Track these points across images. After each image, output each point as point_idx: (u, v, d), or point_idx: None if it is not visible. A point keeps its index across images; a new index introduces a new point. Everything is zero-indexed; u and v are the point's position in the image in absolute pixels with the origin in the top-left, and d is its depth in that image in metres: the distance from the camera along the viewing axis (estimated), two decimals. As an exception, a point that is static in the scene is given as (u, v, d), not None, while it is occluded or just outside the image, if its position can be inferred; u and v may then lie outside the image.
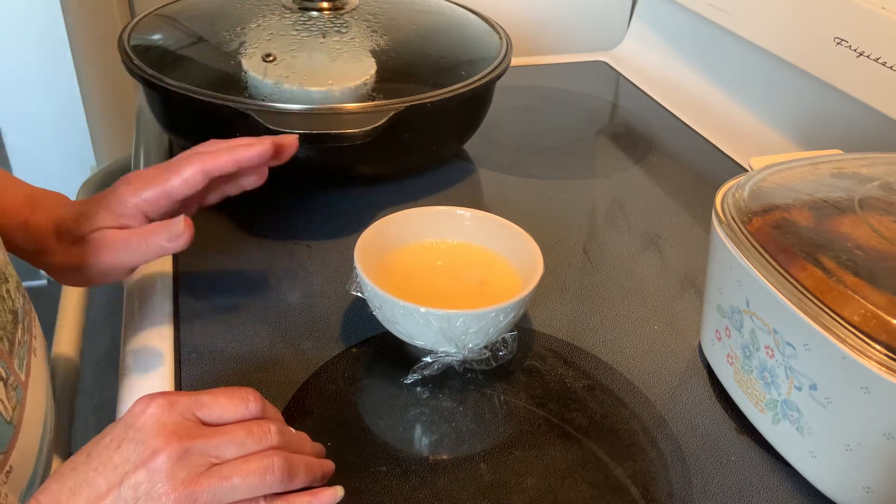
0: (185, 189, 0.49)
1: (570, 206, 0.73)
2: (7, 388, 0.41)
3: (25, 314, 0.46)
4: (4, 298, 0.43)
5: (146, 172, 0.49)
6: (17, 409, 0.42)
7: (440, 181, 0.75)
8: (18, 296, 0.45)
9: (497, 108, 0.78)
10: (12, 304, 0.44)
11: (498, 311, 0.49)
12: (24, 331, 0.45)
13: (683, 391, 0.53)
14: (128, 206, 0.48)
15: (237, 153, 0.49)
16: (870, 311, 0.40)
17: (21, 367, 0.44)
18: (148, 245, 0.48)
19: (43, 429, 0.46)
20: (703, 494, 0.46)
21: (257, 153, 0.49)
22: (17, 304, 0.45)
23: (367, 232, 0.55)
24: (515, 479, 0.46)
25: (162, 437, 0.37)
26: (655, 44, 1.05)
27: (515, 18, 1.07)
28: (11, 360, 0.42)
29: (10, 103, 1.62)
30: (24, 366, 0.44)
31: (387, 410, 0.50)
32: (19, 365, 0.43)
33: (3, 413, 0.41)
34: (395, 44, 0.71)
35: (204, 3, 0.78)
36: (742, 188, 0.50)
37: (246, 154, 0.49)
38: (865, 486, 0.42)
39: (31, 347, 0.46)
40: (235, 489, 0.38)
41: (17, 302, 0.45)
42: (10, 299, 0.44)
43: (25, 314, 0.46)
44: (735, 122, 0.89)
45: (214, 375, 0.52)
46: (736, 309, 0.48)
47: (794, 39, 0.78)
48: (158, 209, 0.49)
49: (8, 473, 0.40)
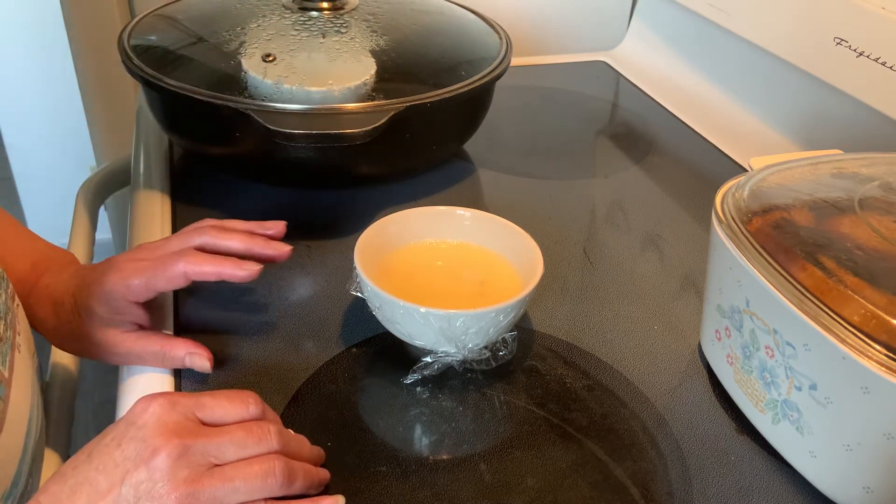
0: (168, 286, 0.50)
1: (570, 206, 0.73)
2: None
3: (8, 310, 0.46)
4: None
5: (136, 262, 0.51)
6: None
7: (440, 181, 0.75)
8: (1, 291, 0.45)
9: (497, 108, 0.78)
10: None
11: (498, 311, 0.49)
12: (6, 327, 0.45)
13: (683, 391, 0.53)
14: (115, 295, 0.49)
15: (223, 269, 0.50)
16: (870, 311, 0.40)
17: (3, 364, 0.43)
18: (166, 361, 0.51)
19: (28, 426, 0.45)
20: (703, 494, 0.46)
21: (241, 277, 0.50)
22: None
23: (367, 232, 0.55)
24: (515, 479, 0.46)
25: (163, 436, 0.37)
26: (655, 44, 1.05)
27: (515, 18, 1.07)
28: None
29: (10, 103, 1.62)
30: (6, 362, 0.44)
31: (387, 410, 0.50)
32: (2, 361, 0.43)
33: None
34: (395, 44, 0.71)
35: (204, 3, 0.78)
36: (742, 188, 0.50)
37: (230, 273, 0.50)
38: (865, 486, 0.42)
39: (14, 344, 0.46)
40: (236, 491, 0.38)
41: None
42: None
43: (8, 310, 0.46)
44: (735, 122, 0.89)
45: (214, 375, 0.52)
46: (736, 309, 0.48)
47: (794, 39, 0.78)
48: (140, 297, 0.50)
49: None
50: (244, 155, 0.70)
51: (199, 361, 0.51)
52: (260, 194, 0.71)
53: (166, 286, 0.49)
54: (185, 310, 0.57)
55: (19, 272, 0.53)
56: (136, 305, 0.50)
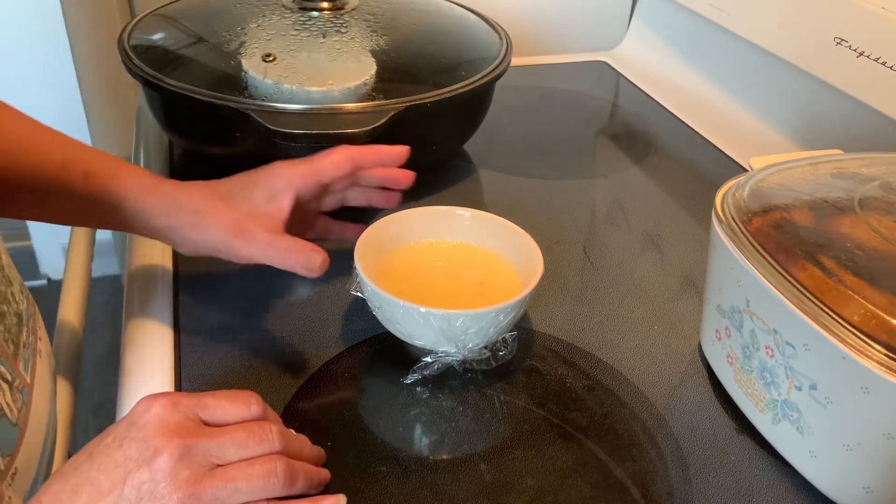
0: (332, 171, 0.53)
1: (570, 206, 0.73)
2: (13, 391, 0.41)
3: (30, 316, 0.46)
4: (9, 301, 0.43)
5: (297, 159, 0.54)
6: (22, 411, 0.42)
7: (440, 181, 0.75)
8: (22, 298, 0.45)
9: (497, 108, 0.78)
10: (17, 307, 0.44)
11: (498, 311, 0.49)
12: (28, 333, 0.45)
13: (683, 391, 0.53)
14: (281, 177, 0.52)
15: (379, 148, 0.55)
16: (870, 311, 0.40)
17: (26, 369, 0.44)
18: (285, 261, 0.51)
19: (46, 430, 0.46)
20: (703, 494, 0.46)
21: (396, 152, 0.56)
22: (22, 307, 0.45)
23: (367, 232, 0.55)
24: (515, 479, 0.46)
25: (165, 436, 0.37)
26: (655, 44, 1.05)
27: (515, 18, 1.07)
28: (17, 363, 0.42)
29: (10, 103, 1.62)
30: (29, 367, 0.44)
31: (387, 410, 0.50)
32: (24, 367, 0.43)
33: (9, 416, 0.41)
34: (395, 44, 0.71)
35: (204, 3, 0.78)
36: (742, 188, 0.50)
37: (387, 151, 0.55)
38: (865, 486, 0.42)
39: (35, 349, 0.46)
40: (238, 491, 0.38)
41: (21, 304, 0.45)
42: (14, 302, 0.44)
43: (30, 316, 0.46)
44: (735, 122, 0.89)
45: (214, 375, 0.52)
46: (736, 309, 0.48)
47: (793, 39, 0.78)
48: (307, 186, 0.53)
49: (13, 476, 0.40)
50: (244, 155, 0.70)
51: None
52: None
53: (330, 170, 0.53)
54: (186, 310, 0.57)
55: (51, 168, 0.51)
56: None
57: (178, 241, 0.52)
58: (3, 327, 0.41)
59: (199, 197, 0.52)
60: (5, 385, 0.40)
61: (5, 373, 0.41)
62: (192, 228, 0.51)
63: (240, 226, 0.51)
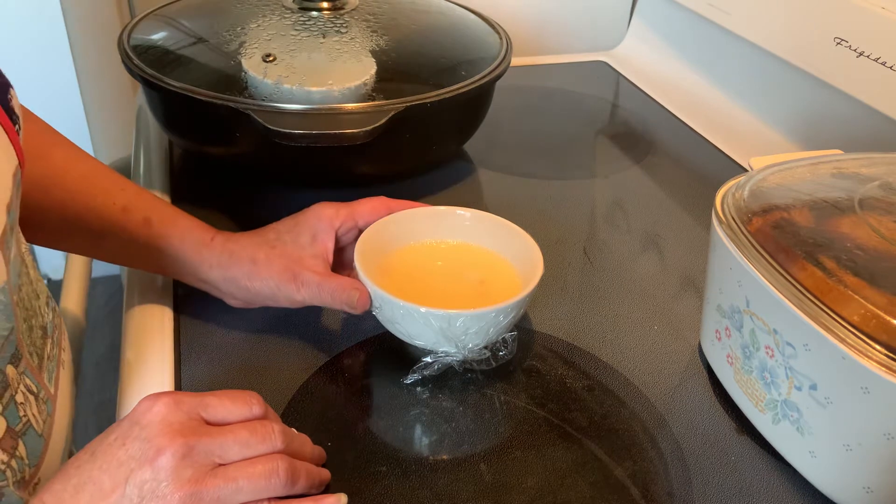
0: (370, 216, 0.55)
1: (570, 206, 0.73)
2: (38, 402, 0.41)
3: (55, 328, 0.46)
4: (36, 314, 0.43)
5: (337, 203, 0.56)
6: (47, 421, 0.42)
7: (440, 181, 0.75)
8: (48, 311, 0.46)
9: (497, 108, 0.78)
10: (42, 320, 0.44)
11: (498, 312, 0.49)
12: (53, 345, 0.45)
13: (683, 391, 0.53)
14: (323, 219, 0.54)
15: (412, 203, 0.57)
16: (870, 311, 0.40)
17: (50, 381, 0.44)
18: (332, 302, 0.52)
19: (66, 441, 0.46)
20: (703, 494, 0.46)
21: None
22: (47, 319, 0.45)
23: (367, 232, 0.55)
24: (515, 479, 0.46)
25: (167, 435, 0.37)
26: (655, 44, 1.05)
27: (515, 18, 1.07)
28: (41, 375, 0.42)
29: (10, 103, 1.62)
30: (53, 379, 0.44)
31: (387, 410, 0.50)
32: (49, 378, 0.44)
33: (36, 427, 0.41)
34: (395, 44, 0.71)
35: (204, 3, 0.78)
36: (742, 188, 0.50)
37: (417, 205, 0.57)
38: (865, 486, 0.42)
39: (59, 360, 0.46)
40: (240, 491, 0.38)
41: (46, 317, 0.45)
42: (40, 315, 0.44)
43: (55, 328, 0.46)
44: (735, 122, 0.89)
45: (214, 375, 0.52)
46: (736, 309, 0.48)
47: (793, 39, 0.78)
48: (345, 228, 0.55)
49: (36, 486, 0.41)
50: (244, 155, 0.70)
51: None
52: (260, 194, 0.71)
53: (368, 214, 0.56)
54: (186, 310, 0.57)
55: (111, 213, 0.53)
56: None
57: (235, 291, 0.54)
58: (30, 340, 0.41)
59: (251, 247, 0.54)
60: (31, 397, 0.41)
61: (31, 385, 0.41)
62: (249, 278, 0.53)
63: (292, 271, 0.52)
